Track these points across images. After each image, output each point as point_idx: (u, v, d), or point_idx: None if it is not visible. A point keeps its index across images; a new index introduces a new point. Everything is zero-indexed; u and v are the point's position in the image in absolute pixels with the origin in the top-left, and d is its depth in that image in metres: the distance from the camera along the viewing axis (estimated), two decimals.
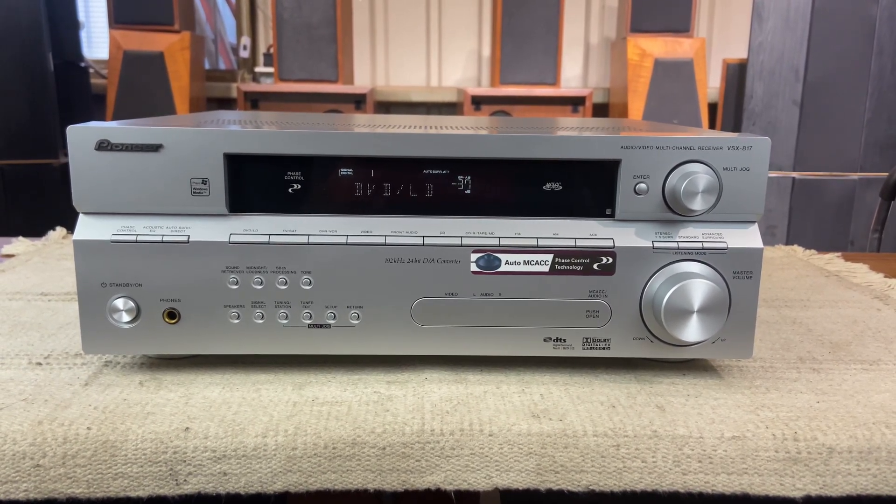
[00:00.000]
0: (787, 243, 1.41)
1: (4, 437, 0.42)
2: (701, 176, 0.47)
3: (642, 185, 0.48)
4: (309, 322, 0.49)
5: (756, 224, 0.49)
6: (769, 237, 2.51)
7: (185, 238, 0.47)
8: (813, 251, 0.94)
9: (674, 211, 0.48)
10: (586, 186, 0.49)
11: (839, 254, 0.92)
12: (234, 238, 0.47)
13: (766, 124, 2.45)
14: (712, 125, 2.78)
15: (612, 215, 0.49)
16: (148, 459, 0.42)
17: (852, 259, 0.90)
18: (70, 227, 0.80)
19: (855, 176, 2.47)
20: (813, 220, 2.51)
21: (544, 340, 0.50)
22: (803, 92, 2.42)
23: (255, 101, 2.71)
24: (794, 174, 2.48)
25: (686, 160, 0.48)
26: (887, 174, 1.43)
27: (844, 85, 2.42)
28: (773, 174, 2.47)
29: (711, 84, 2.83)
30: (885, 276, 0.80)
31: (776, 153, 2.46)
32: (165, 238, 0.47)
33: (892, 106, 2.42)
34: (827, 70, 2.41)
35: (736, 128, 2.54)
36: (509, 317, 0.49)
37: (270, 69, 2.85)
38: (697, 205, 0.47)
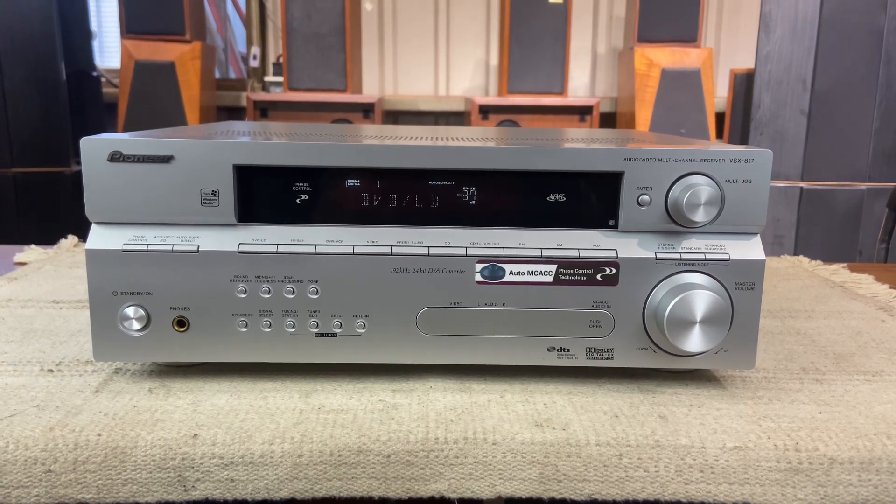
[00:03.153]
0: (794, 253, 1.41)
1: (17, 443, 0.43)
2: (703, 188, 0.47)
3: (645, 197, 0.49)
4: (315, 331, 0.50)
5: (758, 235, 0.50)
6: (777, 247, 2.51)
7: (194, 247, 0.48)
8: (819, 262, 0.94)
9: (676, 222, 0.49)
10: (590, 198, 0.50)
11: (845, 264, 0.93)
12: (242, 248, 0.48)
13: (773, 134, 2.45)
14: (720, 135, 2.78)
15: (615, 226, 0.50)
16: (157, 465, 0.43)
17: (858, 270, 0.90)
18: (82, 235, 0.81)
19: (863, 186, 2.46)
20: (821, 230, 2.51)
21: (548, 350, 0.51)
22: (811, 102, 2.42)
23: (264, 110, 2.73)
24: (802, 184, 2.47)
25: (688, 172, 0.48)
26: (895, 184, 1.42)
27: (852, 95, 2.41)
28: (781, 184, 2.47)
29: (719, 94, 2.83)
30: (891, 287, 0.81)
31: (784, 163, 2.46)
32: (175, 247, 0.48)
33: None
34: (834, 80, 2.41)
35: (743, 137, 2.54)
36: (513, 326, 0.50)
37: (280, 78, 2.87)
38: (700, 216, 0.47)
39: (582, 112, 2.74)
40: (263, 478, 0.43)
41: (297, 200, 0.49)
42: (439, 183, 0.49)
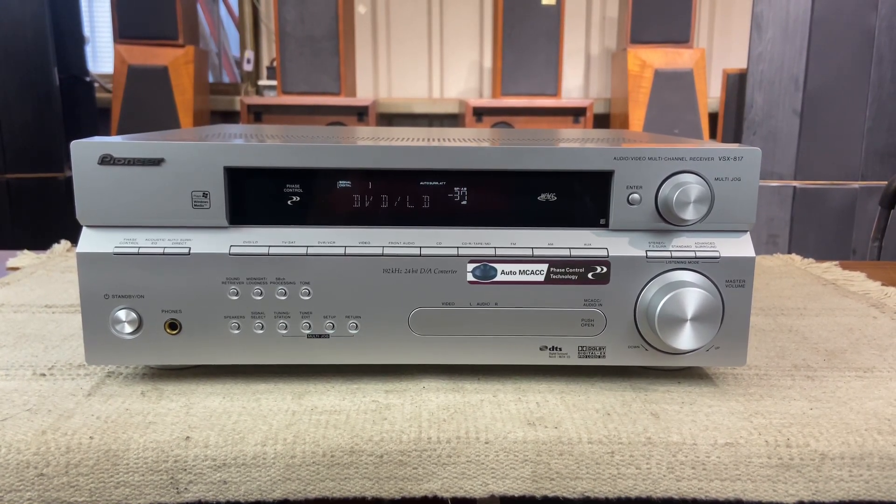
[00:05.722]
0: (788, 252, 1.41)
1: (9, 447, 0.42)
2: (693, 186, 0.47)
3: (635, 196, 0.49)
4: (308, 332, 0.50)
5: (748, 233, 0.50)
6: (771, 246, 2.51)
7: (186, 250, 0.48)
8: (811, 260, 0.95)
9: (667, 220, 0.49)
10: (581, 197, 0.50)
11: (837, 262, 0.93)
12: (234, 250, 0.48)
13: (766, 133, 2.46)
14: (713, 135, 2.78)
15: (606, 225, 0.50)
16: (149, 468, 0.43)
17: (850, 267, 0.90)
18: (74, 240, 0.81)
19: (856, 185, 2.47)
20: (815, 229, 2.52)
21: (540, 349, 0.51)
22: (803, 101, 2.43)
23: (258, 113, 2.73)
24: (795, 183, 2.48)
25: (678, 171, 0.48)
26: (887, 183, 1.43)
27: (844, 94, 2.42)
28: (774, 183, 2.48)
29: (712, 94, 2.84)
30: (883, 285, 0.81)
31: (777, 162, 2.47)
32: (167, 250, 0.48)
33: (891, 114, 2.43)
34: (826, 79, 2.42)
35: (737, 137, 2.55)
36: (505, 326, 0.50)
37: (273, 82, 2.87)
38: (690, 214, 0.48)
39: (576, 113, 2.75)
40: (256, 479, 0.43)
41: (289, 202, 0.49)
42: (430, 183, 0.50)
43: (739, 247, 0.49)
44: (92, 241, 0.48)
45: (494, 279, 0.49)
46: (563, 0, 2.68)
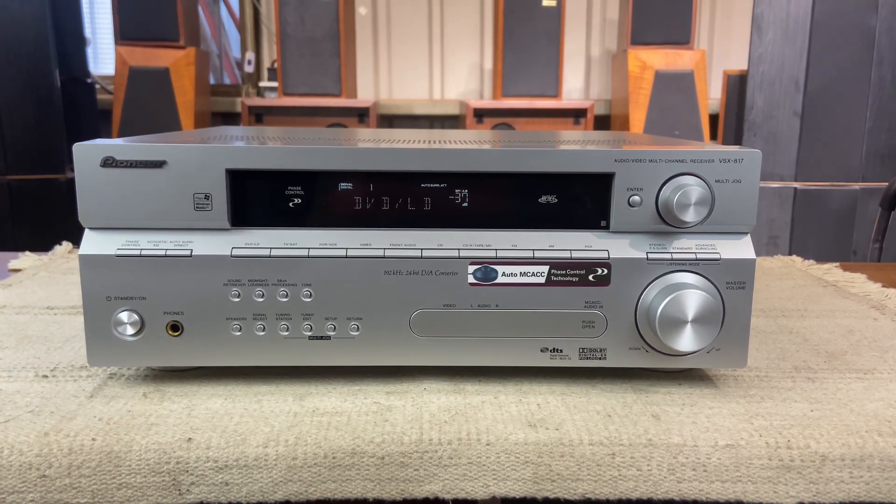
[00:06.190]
0: (789, 253, 1.41)
1: (11, 448, 0.43)
2: (693, 188, 0.47)
3: (636, 198, 0.49)
4: (309, 334, 0.50)
5: (748, 235, 0.50)
6: (772, 247, 2.51)
7: (188, 252, 0.48)
8: (812, 261, 0.95)
9: (667, 223, 0.49)
10: (581, 199, 0.50)
11: (837, 264, 0.93)
12: (235, 252, 0.48)
13: (767, 135, 2.46)
14: (714, 136, 2.79)
15: (606, 227, 0.50)
16: (151, 470, 0.43)
17: (851, 269, 0.91)
18: (76, 242, 0.82)
19: (856, 186, 2.47)
20: (815, 231, 2.52)
21: (541, 351, 0.51)
22: (804, 102, 2.43)
23: (259, 115, 2.74)
24: (796, 184, 2.48)
25: (679, 173, 0.48)
26: (888, 184, 1.43)
27: (845, 95, 2.42)
28: (775, 184, 2.48)
29: (712, 95, 2.84)
30: (883, 286, 0.81)
31: (778, 164, 2.47)
32: (169, 252, 0.48)
33: (892, 116, 2.43)
34: (827, 80, 2.42)
35: (737, 139, 2.55)
36: (506, 328, 0.50)
37: (274, 84, 2.87)
38: (690, 216, 0.48)
39: (576, 115, 2.75)
40: (258, 481, 0.43)
41: (290, 204, 0.50)
42: (432, 185, 0.50)
43: (740, 248, 0.49)
44: (94, 242, 0.48)
45: (495, 281, 0.49)
46: (564, 1, 2.68)
